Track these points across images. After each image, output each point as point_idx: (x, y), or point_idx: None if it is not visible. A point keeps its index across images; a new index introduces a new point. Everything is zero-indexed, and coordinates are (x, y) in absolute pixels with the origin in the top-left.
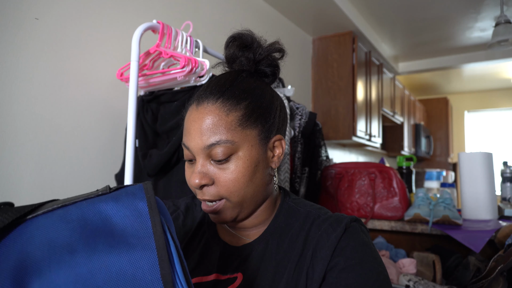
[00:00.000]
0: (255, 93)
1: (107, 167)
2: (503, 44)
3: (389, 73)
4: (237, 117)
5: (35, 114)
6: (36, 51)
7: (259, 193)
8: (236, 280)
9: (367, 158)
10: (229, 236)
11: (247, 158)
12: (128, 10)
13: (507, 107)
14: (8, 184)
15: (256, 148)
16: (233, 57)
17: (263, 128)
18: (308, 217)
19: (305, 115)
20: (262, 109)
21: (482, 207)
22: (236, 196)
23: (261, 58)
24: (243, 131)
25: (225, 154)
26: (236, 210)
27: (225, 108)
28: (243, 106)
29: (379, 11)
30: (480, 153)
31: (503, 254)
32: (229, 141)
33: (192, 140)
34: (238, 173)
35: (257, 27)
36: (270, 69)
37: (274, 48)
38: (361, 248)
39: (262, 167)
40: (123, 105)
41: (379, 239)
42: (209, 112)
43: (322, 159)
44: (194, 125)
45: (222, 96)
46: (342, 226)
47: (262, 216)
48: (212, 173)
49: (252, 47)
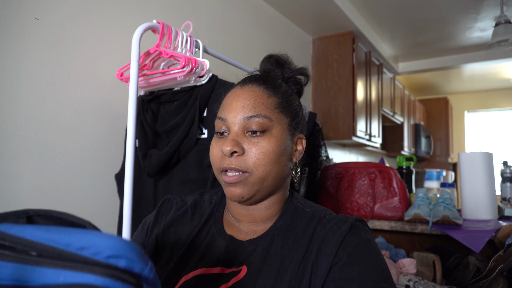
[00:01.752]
0: (289, 93)
1: (107, 167)
2: (503, 44)
3: (389, 73)
4: (276, 101)
5: (35, 114)
6: (36, 51)
7: (279, 178)
8: (240, 272)
9: (367, 158)
10: (236, 232)
11: (279, 138)
12: (128, 10)
13: (507, 107)
14: (8, 184)
15: (286, 133)
16: (267, 70)
17: (293, 120)
18: (314, 217)
19: (305, 115)
20: (293, 107)
21: (482, 207)
22: (262, 170)
23: (289, 76)
24: (279, 114)
25: (261, 127)
26: (256, 188)
27: (267, 92)
28: (281, 96)
29: (379, 11)
30: (480, 153)
31: (503, 254)
32: (267, 117)
33: (232, 111)
34: (269, 148)
35: (257, 27)
36: (296, 87)
37: (301, 72)
38: (364, 245)
39: (287, 154)
40: (123, 105)
41: (379, 239)
42: (253, 91)
43: (322, 159)
44: (237, 99)
45: (265, 83)
46: (348, 225)
47: (271, 209)
48: (245, 144)
49: (285, 65)
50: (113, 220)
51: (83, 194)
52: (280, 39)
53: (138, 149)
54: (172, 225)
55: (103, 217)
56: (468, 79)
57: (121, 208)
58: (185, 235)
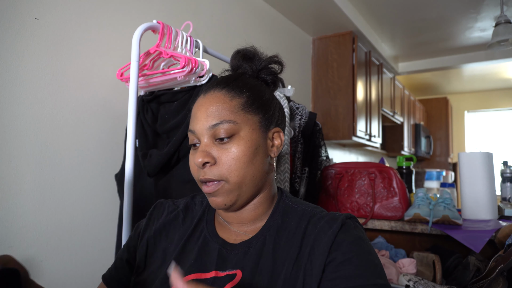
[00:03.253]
0: (256, 88)
1: (107, 167)
2: (503, 44)
3: (389, 73)
4: (240, 103)
5: (35, 114)
6: (36, 51)
7: (258, 178)
8: (236, 277)
9: (367, 158)
10: (227, 234)
11: (248, 139)
12: (128, 10)
13: (507, 107)
14: (8, 184)
15: (256, 132)
16: (237, 66)
17: (263, 117)
18: (305, 215)
19: (305, 115)
20: (263, 101)
21: (482, 207)
22: (236, 176)
23: (261, 67)
24: (245, 115)
25: (228, 132)
26: (235, 194)
27: (229, 95)
28: (246, 96)
29: (379, 11)
30: (480, 153)
31: (503, 254)
32: (232, 121)
33: (198, 122)
34: (239, 152)
35: (257, 27)
36: (270, 77)
37: (273, 60)
38: (357, 242)
39: (262, 153)
40: (123, 105)
41: (379, 239)
42: (215, 98)
43: (322, 159)
44: (201, 108)
45: (227, 86)
46: (338, 223)
47: (258, 209)
48: (215, 152)
49: (254, 58)
50: (113, 220)
51: (83, 194)
52: (280, 39)
53: (138, 149)
54: (164, 229)
55: (103, 217)
56: (468, 79)
57: (121, 208)
58: (176, 239)
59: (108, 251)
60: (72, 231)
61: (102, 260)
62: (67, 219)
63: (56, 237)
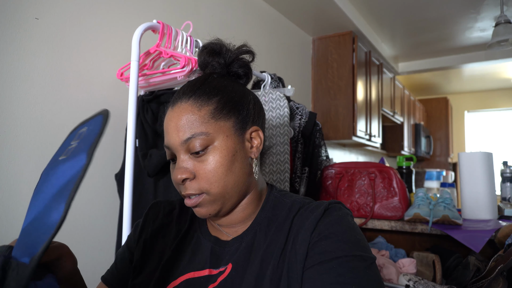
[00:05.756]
0: (225, 90)
1: (107, 167)
2: (503, 44)
3: (389, 73)
4: (209, 111)
5: (35, 114)
6: (36, 51)
7: (241, 183)
8: (226, 270)
9: (367, 158)
10: (219, 232)
11: (224, 148)
12: (128, 10)
13: (507, 107)
14: (8, 184)
15: (231, 138)
16: (205, 63)
17: (237, 119)
18: (294, 206)
19: (305, 115)
20: (234, 103)
21: (482, 207)
22: (217, 187)
23: (231, 60)
24: (216, 123)
25: (202, 145)
26: (219, 203)
27: (197, 104)
28: (215, 101)
29: (379, 11)
30: (480, 153)
31: (503, 254)
32: (204, 133)
33: (171, 138)
34: (216, 162)
35: (257, 27)
36: (242, 70)
37: (242, 51)
38: (336, 220)
39: (241, 157)
40: (123, 105)
41: (379, 239)
42: (183, 110)
43: (322, 159)
44: (170, 124)
45: (194, 95)
46: (321, 209)
47: (247, 209)
48: (193, 167)
49: (222, 52)
50: (113, 220)
51: (83, 194)
52: (280, 39)
53: (138, 149)
54: (161, 230)
55: (103, 217)
56: (468, 79)
57: (121, 208)
58: (171, 239)
59: (108, 251)
60: (72, 231)
61: (102, 260)
62: (67, 219)
63: (56, 237)
